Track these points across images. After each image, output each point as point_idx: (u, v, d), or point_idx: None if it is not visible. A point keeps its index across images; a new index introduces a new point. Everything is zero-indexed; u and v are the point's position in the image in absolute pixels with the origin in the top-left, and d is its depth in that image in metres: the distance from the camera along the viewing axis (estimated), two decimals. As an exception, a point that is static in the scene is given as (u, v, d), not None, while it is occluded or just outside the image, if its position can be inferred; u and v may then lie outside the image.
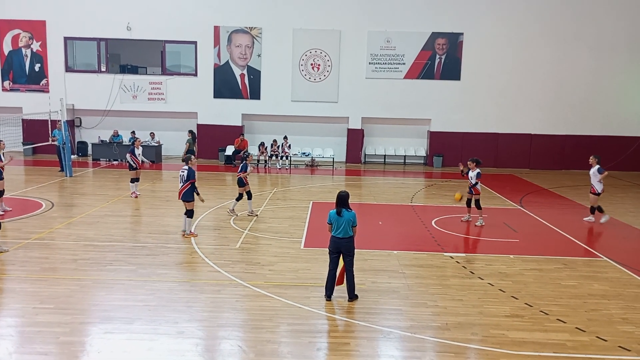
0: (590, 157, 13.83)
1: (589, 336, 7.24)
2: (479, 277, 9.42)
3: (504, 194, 17.54)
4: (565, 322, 7.64)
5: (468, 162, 13.37)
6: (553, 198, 17.47)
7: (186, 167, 11.33)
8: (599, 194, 13.64)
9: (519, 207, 15.68)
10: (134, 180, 15.60)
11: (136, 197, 15.44)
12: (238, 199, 13.47)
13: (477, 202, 13.19)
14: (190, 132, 21.67)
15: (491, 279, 9.34)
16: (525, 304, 8.29)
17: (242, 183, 13.33)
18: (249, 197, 13.54)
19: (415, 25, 23.41)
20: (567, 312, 8.00)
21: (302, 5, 23.39)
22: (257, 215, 13.50)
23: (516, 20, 23.27)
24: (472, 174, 13.12)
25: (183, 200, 11.43)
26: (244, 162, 13.46)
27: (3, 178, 12.77)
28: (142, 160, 15.74)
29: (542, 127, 23.99)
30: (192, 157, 11.68)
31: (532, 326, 7.50)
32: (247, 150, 13.64)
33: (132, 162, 15.39)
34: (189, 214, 11.50)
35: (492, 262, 10.34)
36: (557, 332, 7.33)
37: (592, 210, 13.73)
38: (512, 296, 8.58)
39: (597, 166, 13.64)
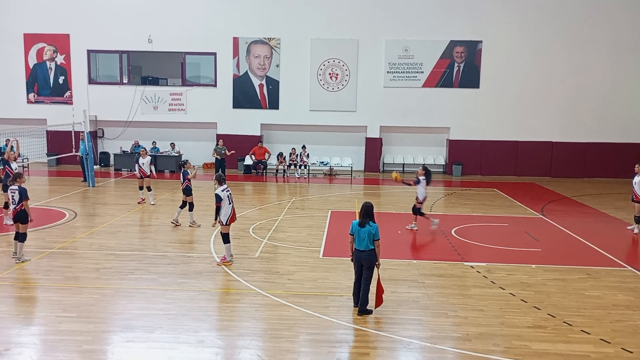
0: (637, 165, 13.50)
1: (613, 347, 7.09)
2: (500, 287, 9.30)
3: (525, 203, 17.32)
4: (589, 333, 7.49)
5: (419, 169, 13.45)
6: (575, 207, 17.18)
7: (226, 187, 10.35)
8: None
9: (541, 216, 15.46)
10: (142, 188, 15.99)
11: (151, 204, 15.81)
12: (182, 207, 13.34)
13: (416, 208, 13.23)
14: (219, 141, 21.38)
15: (513, 289, 9.21)
16: (548, 314, 8.15)
17: (189, 192, 13.29)
18: (191, 208, 13.31)
19: (433, 33, 23.37)
20: (591, 323, 7.84)
21: (320, 15, 23.54)
22: (199, 225, 13.20)
23: (535, 26, 23.07)
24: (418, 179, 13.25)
25: (229, 225, 10.27)
26: (183, 169, 13.45)
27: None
28: (149, 170, 15.90)
29: (563, 134, 23.66)
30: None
31: (556, 337, 7.37)
32: (186, 160, 13.78)
33: (137, 172, 15.84)
34: (228, 237, 10.35)
35: (514, 271, 10.20)
36: (581, 344, 7.19)
37: (638, 220, 13.44)
38: (535, 306, 8.44)
39: None
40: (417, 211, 13.29)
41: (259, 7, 23.60)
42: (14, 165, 13.57)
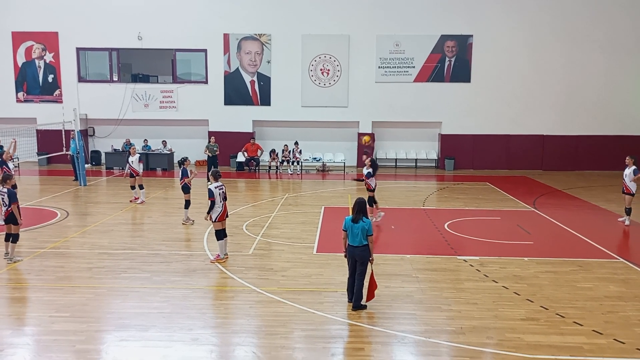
0: (627, 157, 13.63)
1: (606, 339, 7.15)
2: (493, 280, 9.36)
3: (517, 196, 17.41)
4: (581, 325, 7.56)
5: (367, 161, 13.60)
6: (567, 199, 17.30)
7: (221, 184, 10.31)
8: (633, 194, 13.44)
9: (533, 209, 15.55)
10: (134, 187, 15.93)
11: (141, 203, 15.72)
12: (186, 207, 13.35)
13: (370, 199, 13.31)
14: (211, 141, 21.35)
15: (505, 282, 9.26)
16: (541, 306, 8.21)
17: (187, 190, 13.32)
18: (187, 205, 13.31)
19: (424, 28, 23.38)
20: (583, 315, 7.91)
21: (311, 11, 23.47)
22: (192, 221, 13.23)
23: (526, 20, 23.14)
24: (364, 172, 13.39)
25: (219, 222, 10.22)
26: (182, 167, 13.47)
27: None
28: (139, 168, 15.80)
29: (554, 128, 23.80)
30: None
31: (548, 329, 7.43)
32: (185, 157, 13.81)
33: (127, 171, 15.82)
34: (222, 234, 10.32)
35: (506, 264, 10.26)
36: (573, 335, 7.25)
37: (629, 211, 13.55)
38: (527, 299, 8.50)
39: (634, 167, 13.39)
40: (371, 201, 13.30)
41: (249, 3, 23.49)
42: (10, 165, 13.51)
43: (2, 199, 10.10)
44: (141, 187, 15.87)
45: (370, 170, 13.32)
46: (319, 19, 23.48)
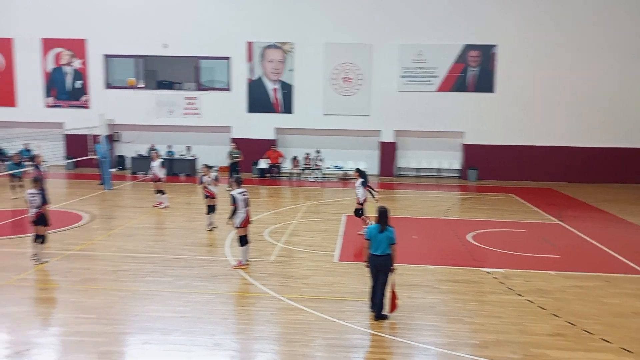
0: None
1: (635, 357, 6.98)
2: (518, 294, 9.21)
3: (542, 208, 17.13)
4: (609, 342, 7.38)
5: (353, 172, 13.51)
6: (594, 212, 16.96)
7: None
8: None
9: (559, 222, 15.29)
10: (158, 192, 16.08)
11: (164, 208, 15.84)
12: (208, 212, 13.40)
13: (357, 210, 13.11)
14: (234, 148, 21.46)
15: (530, 296, 9.11)
16: (567, 322, 8.05)
17: (205, 195, 13.40)
18: (209, 210, 13.35)
19: (447, 38, 23.27)
20: (611, 331, 7.72)
21: (333, 19, 23.57)
22: (215, 227, 13.30)
23: (550, 30, 22.83)
24: (356, 184, 13.05)
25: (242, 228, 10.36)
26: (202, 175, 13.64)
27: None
28: (161, 173, 15.97)
29: (580, 138, 23.33)
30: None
31: (575, 345, 7.27)
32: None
33: (151, 175, 16.04)
34: (244, 240, 10.45)
35: (531, 278, 10.09)
36: (601, 352, 7.09)
37: None
38: (553, 314, 8.34)
39: None
40: (357, 213, 13.18)
41: (272, 12, 23.72)
42: (41, 168, 13.89)
43: (32, 200, 10.32)
44: (162, 192, 16.03)
45: (362, 179, 13.06)
46: (342, 28, 23.55)
